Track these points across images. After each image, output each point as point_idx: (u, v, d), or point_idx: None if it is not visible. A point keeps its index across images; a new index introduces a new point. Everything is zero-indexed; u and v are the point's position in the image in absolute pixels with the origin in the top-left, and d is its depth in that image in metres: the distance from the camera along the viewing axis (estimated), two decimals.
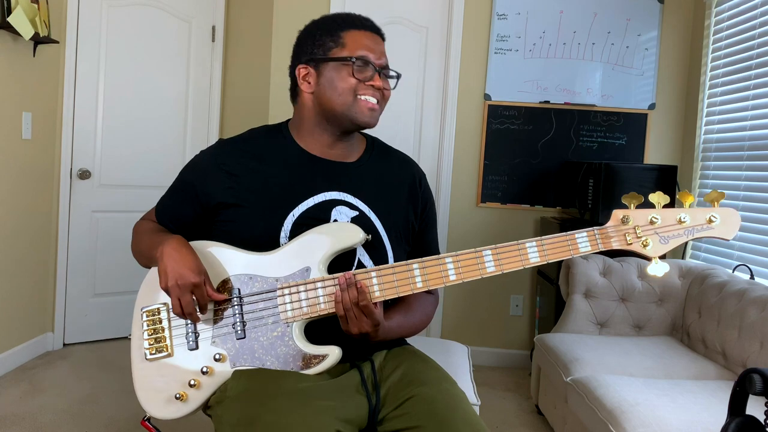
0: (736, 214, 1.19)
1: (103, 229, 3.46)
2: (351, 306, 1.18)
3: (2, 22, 2.67)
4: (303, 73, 1.35)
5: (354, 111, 1.30)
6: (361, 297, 1.18)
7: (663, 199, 1.19)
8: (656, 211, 1.20)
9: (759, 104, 2.74)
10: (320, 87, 1.32)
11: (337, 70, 1.30)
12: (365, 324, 1.19)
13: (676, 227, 1.19)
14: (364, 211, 1.34)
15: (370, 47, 1.31)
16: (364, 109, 1.30)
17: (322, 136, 1.36)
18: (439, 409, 1.20)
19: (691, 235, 1.19)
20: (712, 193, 1.18)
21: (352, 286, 1.18)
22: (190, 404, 1.25)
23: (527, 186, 3.50)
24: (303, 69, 1.35)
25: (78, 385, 2.86)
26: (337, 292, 1.19)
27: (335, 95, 1.30)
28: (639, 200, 1.20)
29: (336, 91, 1.30)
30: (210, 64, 3.75)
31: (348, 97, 1.30)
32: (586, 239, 1.20)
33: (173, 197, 1.42)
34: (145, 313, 1.30)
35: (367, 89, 1.30)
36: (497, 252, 1.20)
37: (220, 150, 1.38)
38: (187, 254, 1.23)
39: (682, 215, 1.19)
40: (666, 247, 1.19)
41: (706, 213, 1.19)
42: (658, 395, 1.95)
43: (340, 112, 1.31)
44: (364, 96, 1.30)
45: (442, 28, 3.53)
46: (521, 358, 3.53)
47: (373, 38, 1.34)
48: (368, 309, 1.18)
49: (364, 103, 1.30)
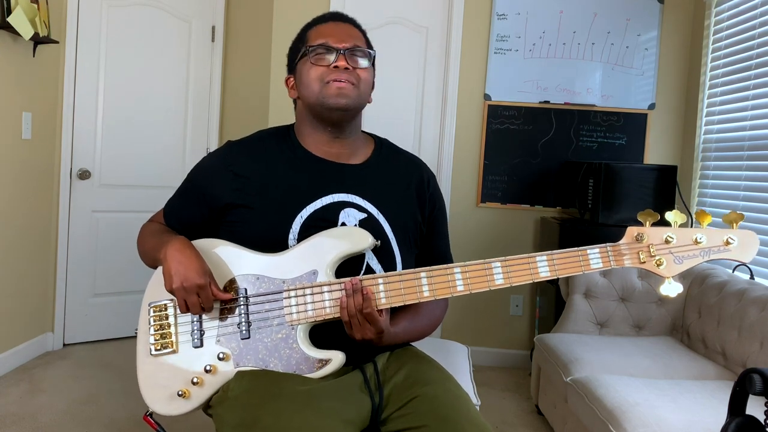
0: (755, 236, 1.15)
1: (103, 229, 3.46)
2: (355, 312, 1.18)
3: (2, 22, 2.67)
4: (290, 83, 1.40)
5: (323, 96, 1.30)
6: (366, 304, 1.17)
7: (680, 218, 1.15)
8: (672, 230, 1.16)
9: (759, 104, 2.75)
10: (299, 88, 1.35)
11: (303, 65, 1.33)
12: (369, 331, 1.19)
13: (691, 248, 1.16)
14: (372, 213, 1.34)
15: (328, 34, 1.32)
16: (332, 91, 1.29)
17: (319, 136, 1.36)
18: (444, 409, 1.20)
19: (707, 257, 1.15)
20: (731, 214, 1.15)
21: (357, 293, 1.18)
22: (192, 401, 1.25)
23: (527, 186, 3.50)
24: (289, 79, 1.40)
25: (78, 385, 2.86)
26: (342, 298, 1.19)
27: (307, 89, 1.32)
28: (654, 218, 1.17)
29: (306, 85, 1.32)
30: (210, 64, 3.75)
31: (316, 86, 1.30)
32: (599, 256, 1.18)
33: (181, 199, 1.42)
34: (153, 309, 1.30)
35: (333, 73, 1.30)
36: (507, 264, 1.19)
37: (228, 151, 1.38)
38: (191, 255, 1.23)
39: (699, 236, 1.15)
40: (680, 268, 1.16)
41: (724, 234, 1.15)
42: (658, 395, 1.96)
43: (315, 101, 1.31)
44: (332, 80, 1.30)
45: (442, 28, 3.53)
46: (521, 358, 3.53)
47: (333, 26, 1.35)
48: (372, 317, 1.18)
49: (332, 85, 1.30)
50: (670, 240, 1.16)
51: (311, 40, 1.33)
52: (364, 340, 1.20)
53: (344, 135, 1.36)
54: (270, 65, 3.58)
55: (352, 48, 1.32)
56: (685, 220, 1.16)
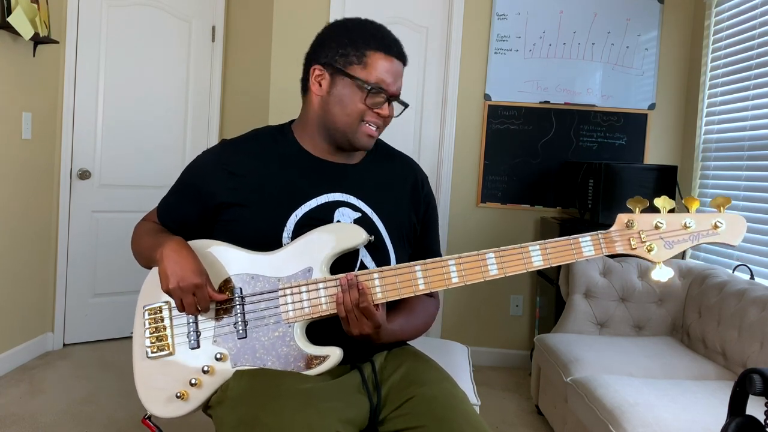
0: (742, 220, 1.18)
1: (103, 229, 3.46)
2: (352, 308, 1.18)
3: (2, 22, 2.67)
4: (317, 74, 1.32)
5: (354, 134, 1.30)
6: (362, 299, 1.17)
7: (668, 204, 1.18)
8: (661, 215, 1.18)
9: (759, 104, 2.74)
10: (330, 96, 1.31)
11: (350, 88, 1.29)
12: (366, 326, 1.19)
13: (681, 232, 1.18)
14: (366, 212, 1.34)
15: (389, 75, 1.29)
16: (364, 135, 1.31)
17: (323, 142, 1.36)
18: (441, 409, 1.20)
19: (696, 241, 1.18)
20: (717, 198, 1.17)
21: (353, 288, 1.18)
22: (190, 403, 1.25)
23: (527, 186, 3.50)
24: (318, 69, 1.32)
25: (78, 385, 2.86)
26: (338, 294, 1.19)
27: (342, 113, 1.30)
28: (644, 204, 1.18)
29: (344, 109, 1.29)
30: (210, 64, 3.75)
31: (353, 119, 1.29)
32: (590, 243, 1.20)
33: (175, 197, 1.42)
34: (147, 311, 1.30)
35: (372, 116, 1.30)
36: (500, 255, 1.20)
37: (223, 150, 1.38)
38: (188, 255, 1.23)
39: (688, 220, 1.18)
40: (671, 252, 1.18)
41: (712, 218, 1.18)
42: (658, 395, 1.95)
43: (341, 130, 1.31)
44: (368, 123, 1.30)
45: (442, 28, 3.53)
46: (521, 358, 3.53)
47: (396, 67, 1.32)
48: (369, 311, 1.18)
49: (365, 128, 1.30)
50: (660, 225, 1.18)
51: (371, 69, 1.28)
52: (361, 335, 1.20)
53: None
54: (270, 65, 3.58)
55: (398, 95, 1.33)
56: (673, 206, 1.18)
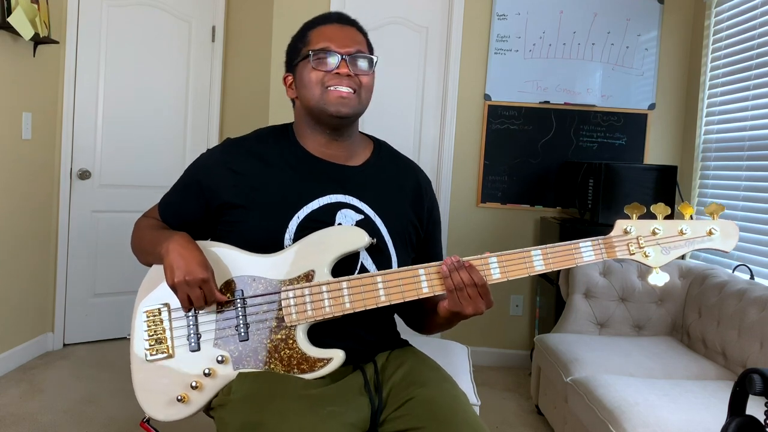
0: (735, 227, 1.23)
1: (103, 229, 3.46)
2: (464, 287, 1.19)
3: (2, 22, 2.67)
4: (288, 81, 1.38)
5: (324, 102, 1.29)
6: (476, 277, 1.18)
7: (664, 211, 1.23)
8: (658, 222, 1.23)
9: (759, 104, 2.75)
10: (299, 89, 1.34)
11: (304, 67, 1.31)
12: (482, 304, 1.21)
13: (677, 238, 1.22)
14: (369, 215, 1.33)
15: (331, 37, 1.31)
16: (334, 98, 1.29)
17: (317, 137, 1.35)
18: (440, 410, 1.20)
19: (691, 247, 1.23)
20: (711, 205, 1.22)
21: (462, 269, 1.18)
22: (191, 406, 1.24)
23: (527, 186, 3.50)
24: (287, 77, 1.38)
25: (78, 385, 2.86)
26: (447, 281, 1.19)
27: (307, 92, 1.31)
28: (641, 210, 1.23)
29: (307, 88, 1.31)
30: (210, 64, 3.75)
31: (316, 90, 1.29)
32: (591, 249, 1.23)
33: (178, 194, 1.41)
34: (146, 314, 1.29)
35: (334, 79, 1.29)
36: (503, 259, 1.22)
37: (226, 148, 1.38)
38: (194, 250, 1.22)
39: (684, 227, 1.22)
40: (667, 258, 1.23)
41: (707, 225, 1.22)
42: (658, 395, 1.96)
43: (315, 106, 1.30)
44: (334, 86, 1.29)
45: (442, 28, 3.53)
46: (521, 358, 3.53)
47: (338, 29, 1.33)
48: (486, 288, 1.20)
49: (333, 92, 1.29)
50: (657, 231, 1.22)
51: (313, 43, 1.31)
52: (475, 314, 1.21)
53: (342, 137, 1.36)
54: (270, 65, 3.58)
55: (355, 53, 1.31)
56: (669, 212, 1.23)
